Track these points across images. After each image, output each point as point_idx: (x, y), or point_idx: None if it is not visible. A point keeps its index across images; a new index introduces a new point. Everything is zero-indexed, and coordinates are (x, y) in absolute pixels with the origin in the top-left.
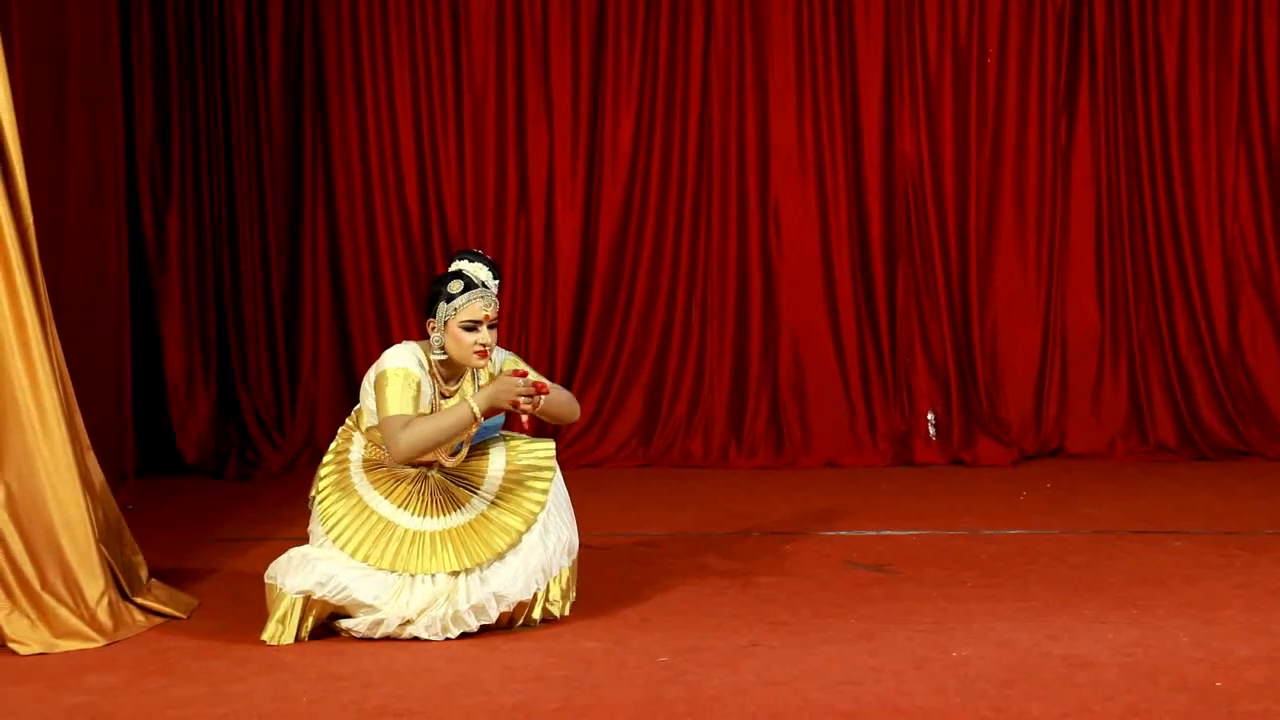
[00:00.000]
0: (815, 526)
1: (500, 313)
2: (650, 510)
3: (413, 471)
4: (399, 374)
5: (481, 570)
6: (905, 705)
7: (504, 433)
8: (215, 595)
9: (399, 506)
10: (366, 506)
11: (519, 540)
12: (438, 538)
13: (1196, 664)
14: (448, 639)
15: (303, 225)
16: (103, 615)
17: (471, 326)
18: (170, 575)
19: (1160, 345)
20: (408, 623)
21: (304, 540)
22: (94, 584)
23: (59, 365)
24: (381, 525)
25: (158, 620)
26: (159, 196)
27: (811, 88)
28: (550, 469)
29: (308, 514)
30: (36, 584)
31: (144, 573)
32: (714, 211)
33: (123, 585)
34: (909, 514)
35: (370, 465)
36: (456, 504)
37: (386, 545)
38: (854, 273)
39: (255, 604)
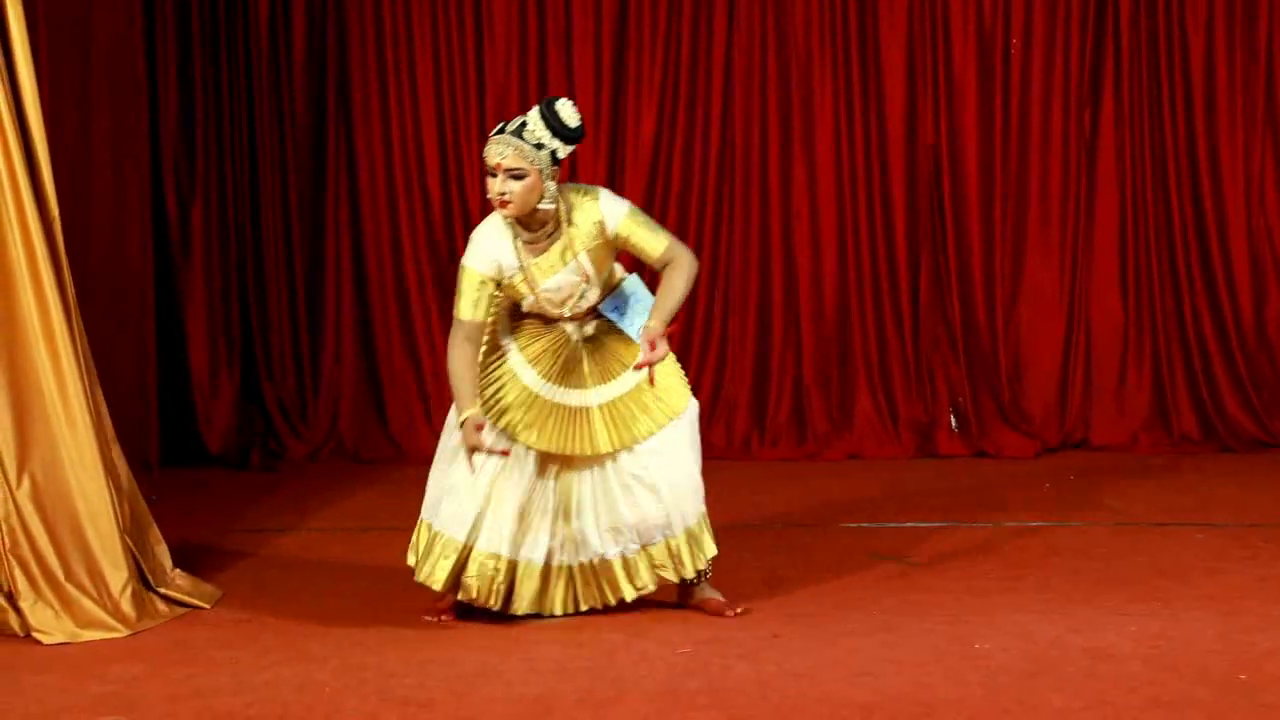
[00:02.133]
0: (837, 518)
1: (557, 169)
2: None
3: (551, 336)
4: (465, 272)
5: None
6: (926, 697)
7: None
8: (239, 585)
9: (542, 377)
10: (518, 378)
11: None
12: (579, 414)
13: (1219, 656)
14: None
15: (325, 217)
16: (126, 605)
17: (491, 173)
18: (194, 565)
19: (1184, 337)
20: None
21: (324, 531)
22: (118, 574)
23: (84, 357)
24: (530, 398)
25: (181, 610)
26: (183, 189)
27: (834, 80)
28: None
29: (329, 505)
30: (61, 575)
31: (168, 563)
32: (736, 205)
33: (146, 575)
34: (931, 506)
35: (518, 325)
36: (599, 378)
37: (533, 417)
38: (876, 264)
39: (278, 594)
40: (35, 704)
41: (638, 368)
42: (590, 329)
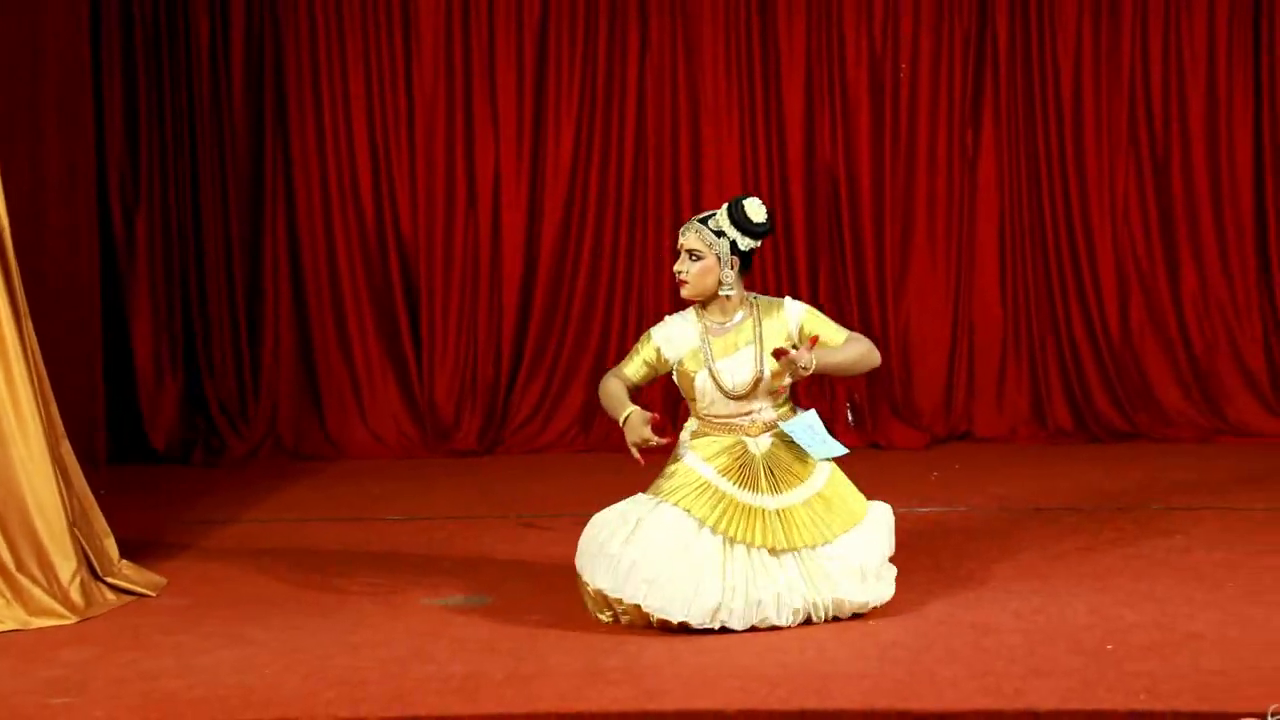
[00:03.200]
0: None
1: (743, 261)
2: (591, 492)
3: (731, 441)
4: (644, 337)
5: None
6: (827, 670)
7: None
8: (182, 574)
9: (720, 472)
10: (692, 470)
11: (844, 532)
12: (760, 513)
13: (1090, 629)
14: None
15: (264, 225)
16: (75, 594)
17: (676, 254)
18: (140, 556)
19: (1058, 338)
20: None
21: (263, 523)
22: (67, 565)
23: (34, 359)
24: (705, 485)
25: (128, 598)
26: (128, 199)
27: (739, 100)
28: (865, 505)
29: (268, 498)
30: (12, 566)
31: (115, 553)
32: (648, 214)
33: (94, 565)
34: None
35: (697, 433)
36: (774, 488)
37: (711, 504)
38: (778, 271)
39: (220, 582)
40: None
41: (776, 353)
42: (767, 445)
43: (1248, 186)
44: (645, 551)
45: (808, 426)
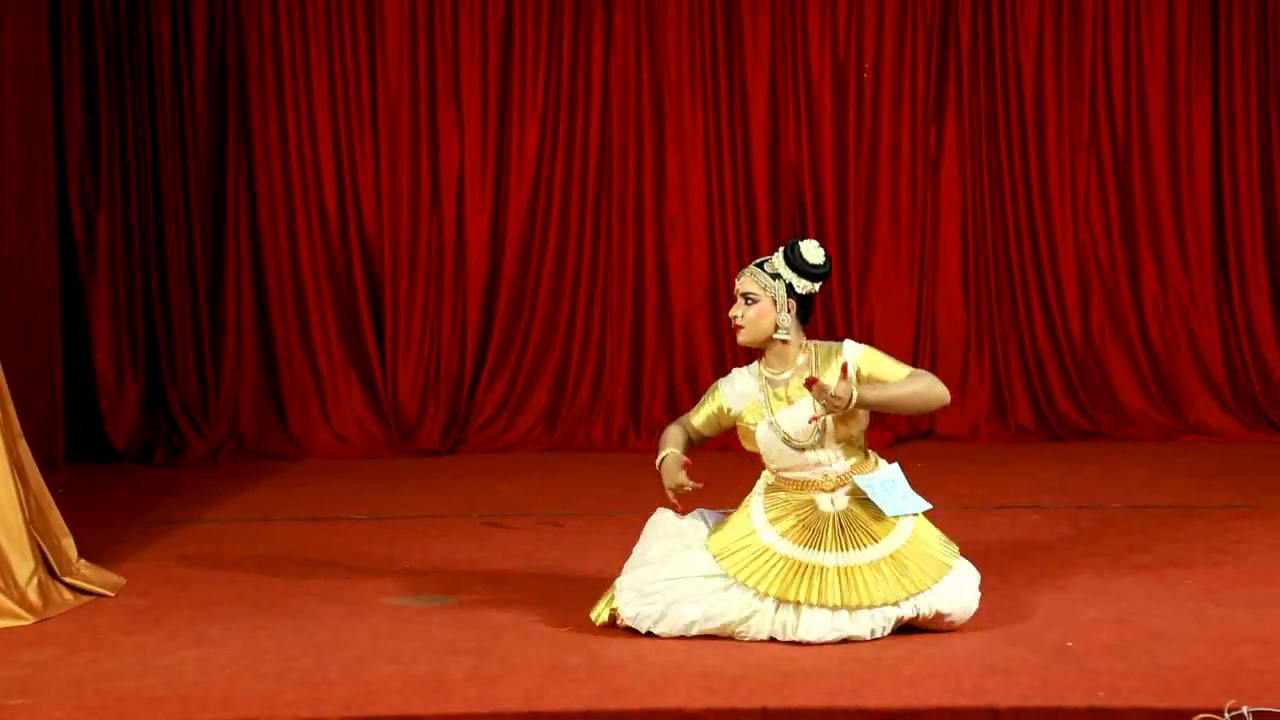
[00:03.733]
0: (709, 504)
1: (765, 300)
2: (555, 491)
3: (802, 500)
4: (713, 389)
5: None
6: (789, 669)
7: (919, 515)
8: (142, 574)
9: (781, 535)
10: (753, 531)
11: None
12: (816, 569)
13: (1051, 627)
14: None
15: (226, 227)
16: (33, 595)
17: (733, 299)
18: (99, 556)
19: (1020, 337)
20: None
21: (225, 523)
22: (24, 565)
23: None
24: (762, 550)
25: (86, 598)
26: (89, 200)
27: (704, 99)
28: (949, 564)
29: (230, 498)
30: None
31: (73, 553)
32: (613, 213)
33: (52, 565)
34: None
35: (771, 488)
36: (842, 545)
37: (764, 569)
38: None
39: (181, 583)
40: None
41: (807, 382)
42: (844, 503)
43: (1206, 187)
44: (675, 598)
45: (888, 481)
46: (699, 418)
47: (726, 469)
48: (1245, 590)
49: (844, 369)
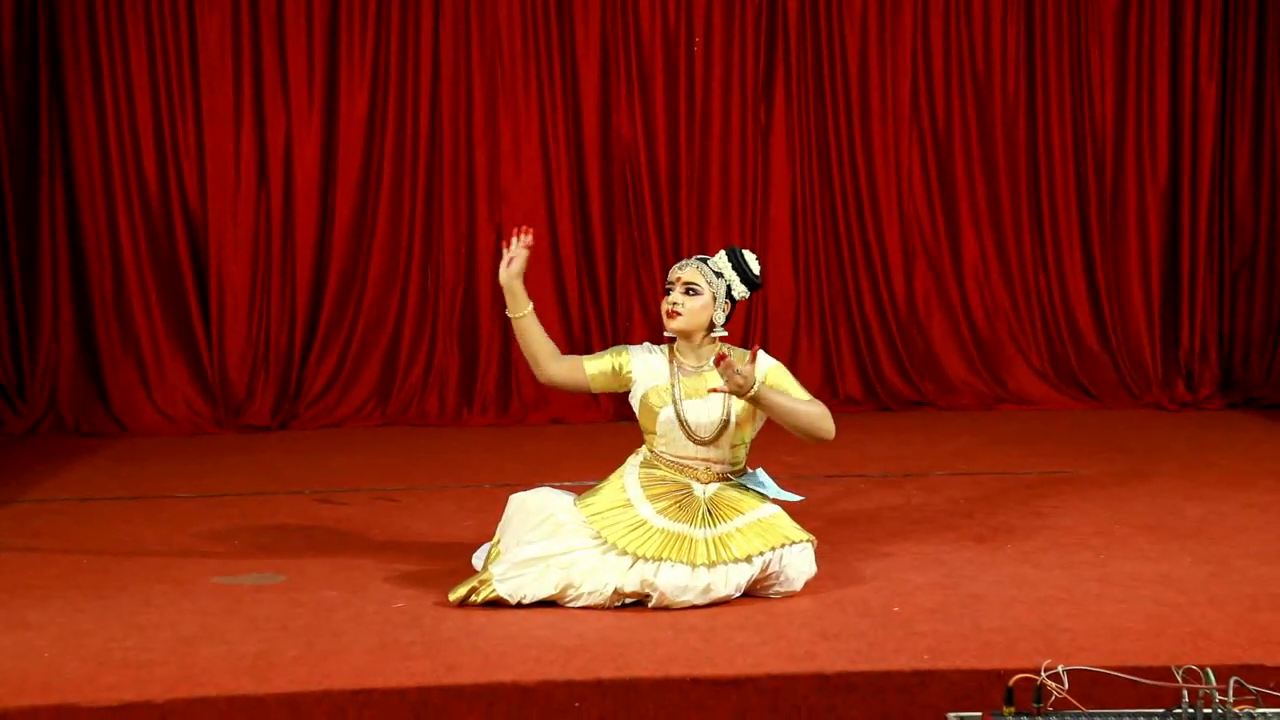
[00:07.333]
0: (544, 478)
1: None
2: (388, 466)
3: (678, 483)
4: (619, 347)
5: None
6: (624, 639)
7: (778, 501)
8: None
9: (658, 512)
10: (629, 503)
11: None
12: (686, 539)
13: (878, 592)
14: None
15: (40, 198)
16: None
17: (668, 289)
18: None
19: (848, 309)
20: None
21: (43, 502)
22: None
23: None
24: (633, 517)
25: None
26: None
27: (536, 70)
28: (802, 538)
29: (48, 478)
30: None
31: None
32: (445, 185)
33: None
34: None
35: (647, 463)
36: (711, 522)
37: (642, 538)
38: (576, 243)
39: None
40: None
41: (716, 359)
42: (714, 490)
43: (1023, 157)
44: (552, 566)
45: (766, 478)
46: (593, 360)
47: (556, 439)
48: (1059, 553)
49: (754, 352)
